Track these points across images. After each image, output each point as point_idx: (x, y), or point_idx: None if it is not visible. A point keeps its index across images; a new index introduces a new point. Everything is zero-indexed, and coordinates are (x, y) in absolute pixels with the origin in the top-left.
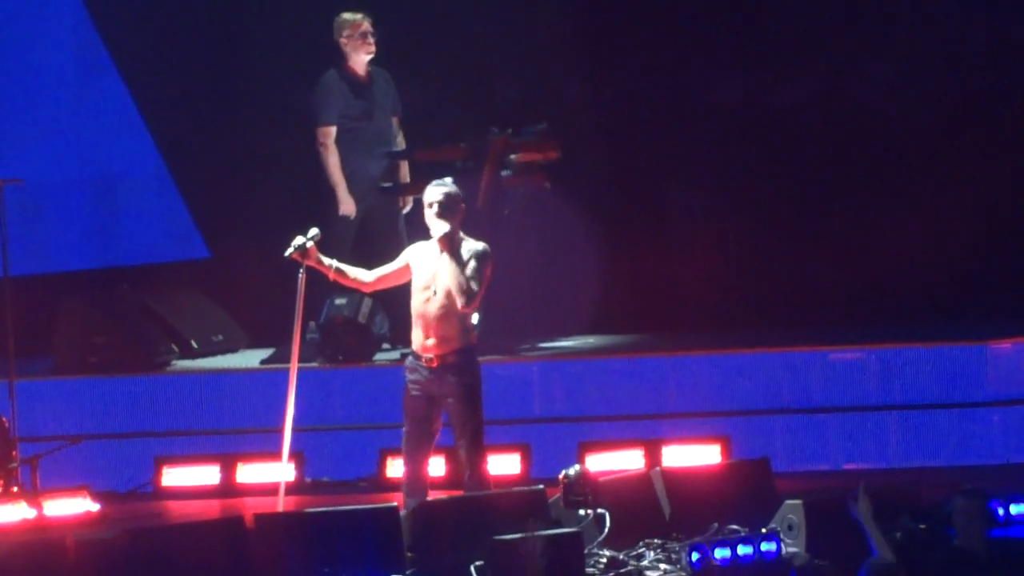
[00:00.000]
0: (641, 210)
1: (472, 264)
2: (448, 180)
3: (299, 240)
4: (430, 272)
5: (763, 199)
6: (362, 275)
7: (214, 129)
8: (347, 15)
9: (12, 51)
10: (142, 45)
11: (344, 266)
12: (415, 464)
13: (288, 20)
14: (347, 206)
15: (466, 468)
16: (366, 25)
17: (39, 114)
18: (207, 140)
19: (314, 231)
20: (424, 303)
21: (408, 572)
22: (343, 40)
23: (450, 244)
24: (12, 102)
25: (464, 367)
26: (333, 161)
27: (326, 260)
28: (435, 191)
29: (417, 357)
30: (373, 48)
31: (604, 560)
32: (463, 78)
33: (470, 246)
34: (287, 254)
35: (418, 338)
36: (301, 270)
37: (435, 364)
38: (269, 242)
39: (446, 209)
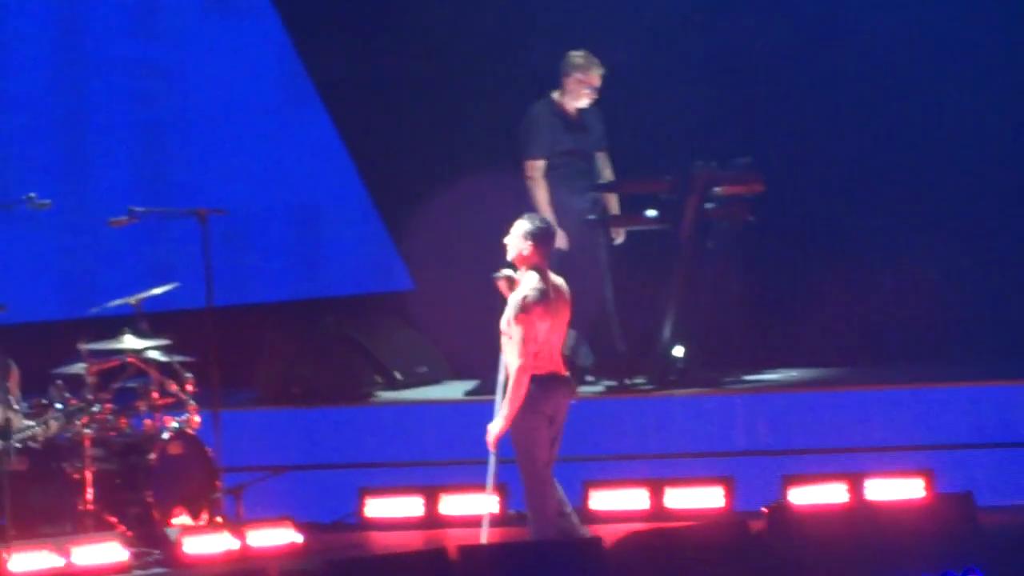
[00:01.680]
0: (845, 241)
1: (507, 315)
2: (531, 215)
3: (509, 271)
4: None
5: (967, 228)
6: None
7: (417, 159)
8: (583, 60)
9: (217, 82)
10: (345, 75)
11: None
12: None
13: (493, 48)
14: (558, 239)
15: None
16: (597, 79)
17: (244, 144)
18: (410, 170)
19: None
20: None
21: None
22: (569, 79)
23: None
24: (217, 132)
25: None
26: (542, 194)
27: None
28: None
29: None
30: (593, 99)
31: None
32: (669, 110)
33: (511, 295)
34: (495, 276)
35: None
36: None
37: None
38: (473, 273)
39: (509, 246)
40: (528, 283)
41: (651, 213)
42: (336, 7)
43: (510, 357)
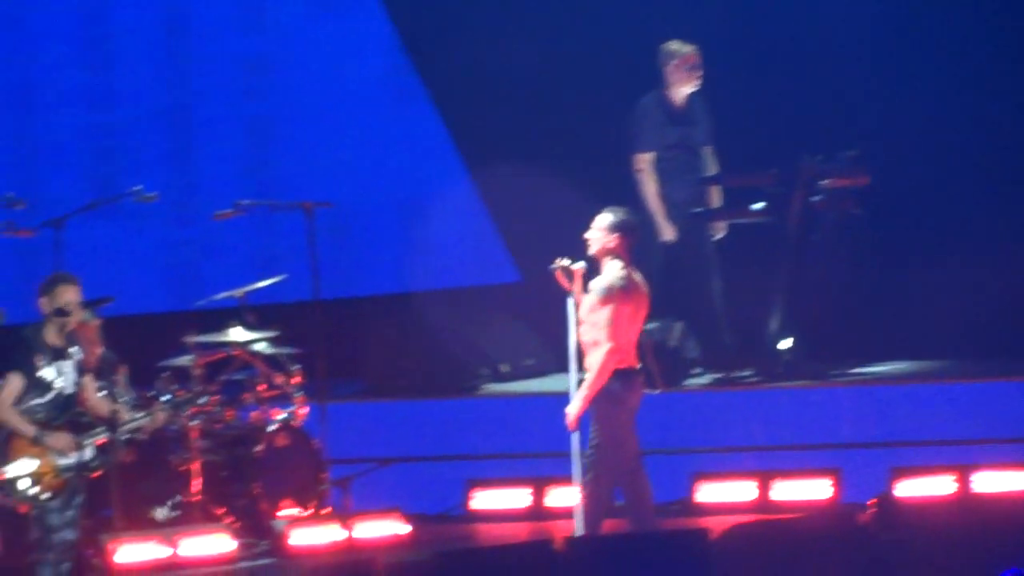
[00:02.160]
0: (952, 233)
1: (590, 302)
2: (615, 208)
3: (567, 261)
4: None
5: None
6: None
7: (523, 152)
8: (676, 45)
9: (323, 76)
10: (452, 68)
11: None
12: None
13: (600, 45)
14: (668, 232)
15: None
16: (695, 59)
17: (350, 138)
18: (517, 162)
19: (581, 263)
20: None
21: None
22: (668, 69)
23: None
24: (323, 126)
25: (595, 396)
26: (651, 188)
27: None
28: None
29: None
30: (698, 82)
31: None
32: (776, 103)
33: (593, 282)
34: (551, 266)
35: None
36: (570, 296)
37: None
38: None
39: (592, 240)
40: (611, 271)
41: (758, 206)
42: (443, 1)
43: (598, 340)
